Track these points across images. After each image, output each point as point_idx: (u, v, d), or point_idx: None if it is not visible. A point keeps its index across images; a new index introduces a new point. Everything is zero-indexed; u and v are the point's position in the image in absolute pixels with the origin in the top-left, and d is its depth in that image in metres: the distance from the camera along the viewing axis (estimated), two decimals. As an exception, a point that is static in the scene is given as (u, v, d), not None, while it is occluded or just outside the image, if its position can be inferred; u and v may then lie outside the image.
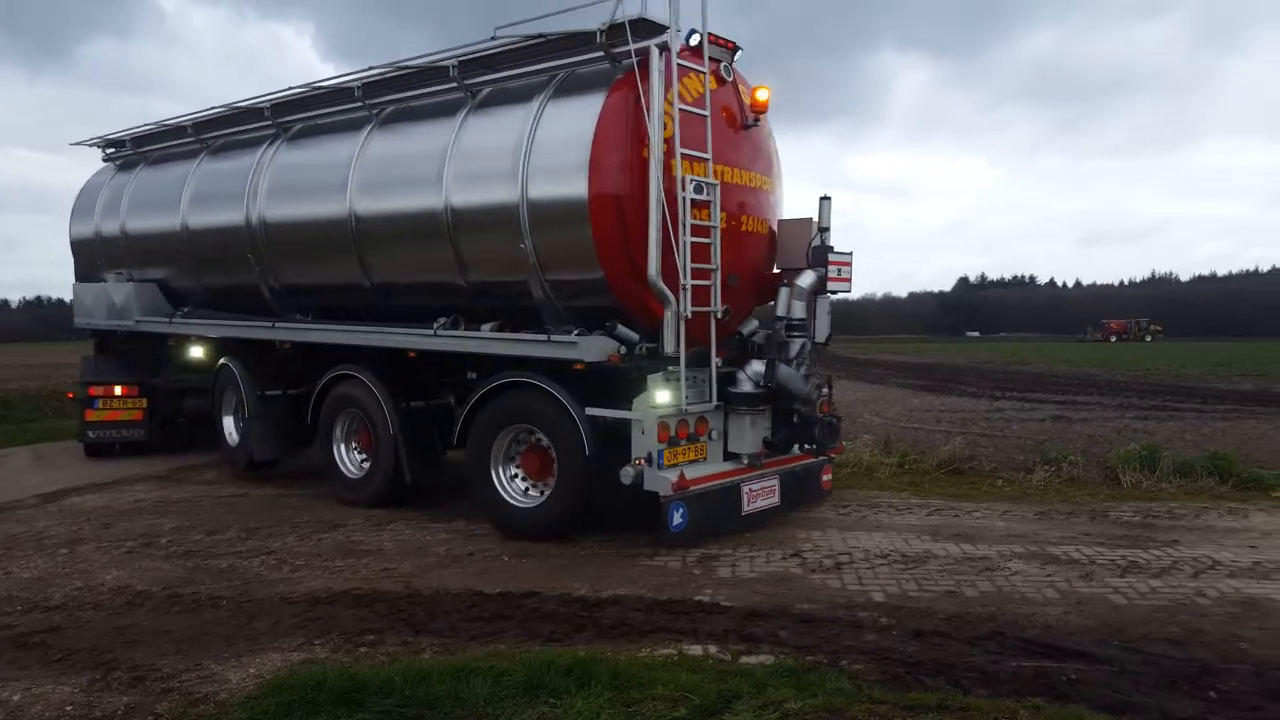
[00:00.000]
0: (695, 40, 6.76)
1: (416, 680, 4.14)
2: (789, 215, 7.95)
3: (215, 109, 10.09)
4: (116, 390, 11.48)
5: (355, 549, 7.03)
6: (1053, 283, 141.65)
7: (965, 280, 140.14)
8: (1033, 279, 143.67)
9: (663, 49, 6.43)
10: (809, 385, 7.15)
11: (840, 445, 8.12)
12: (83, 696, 4.26)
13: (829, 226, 7.49)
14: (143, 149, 11.44)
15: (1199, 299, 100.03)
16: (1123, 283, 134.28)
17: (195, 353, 11.03)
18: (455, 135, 7.43)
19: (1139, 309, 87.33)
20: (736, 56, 7.35)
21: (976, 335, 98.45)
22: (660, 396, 6.52)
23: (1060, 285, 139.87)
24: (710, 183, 6.76)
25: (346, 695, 4.01)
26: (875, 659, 4.57)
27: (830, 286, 7.40)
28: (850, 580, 6.03)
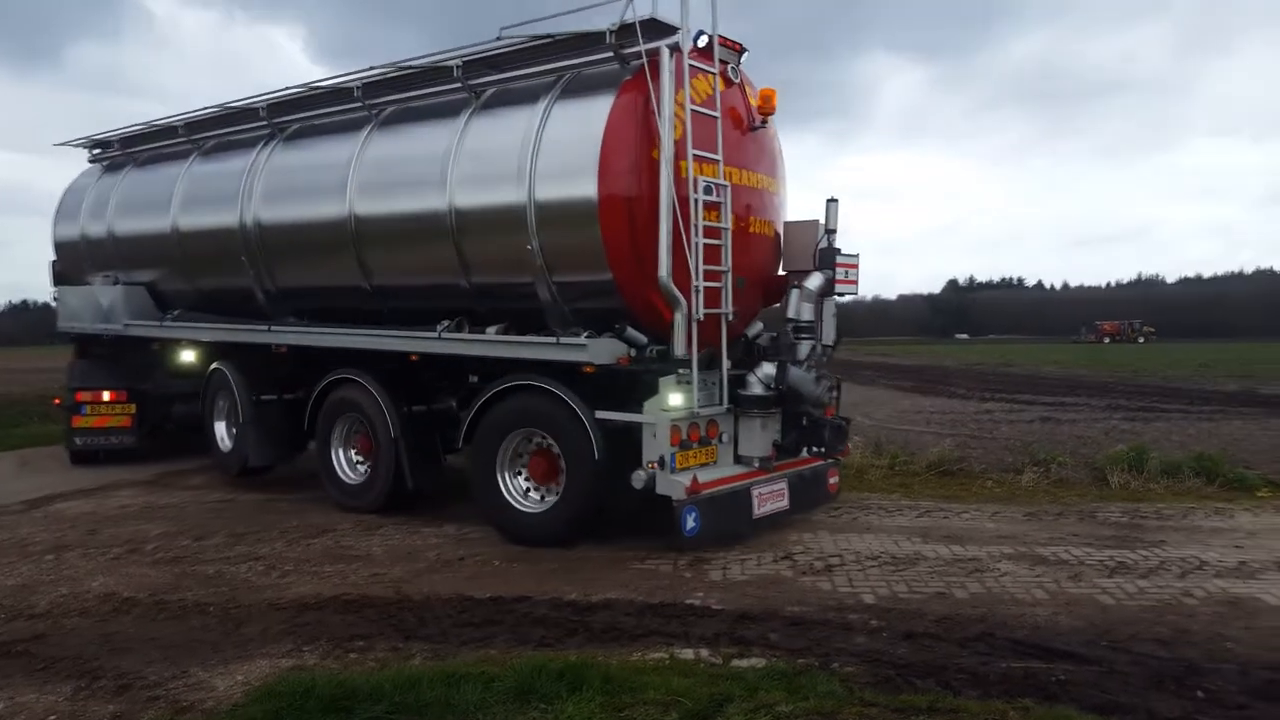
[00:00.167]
0: (704, 41, 6.76)
1: (406, 686, 4.12)
2: (790, 217, 7.95)
3: (208, 109, 9.97)
4: (105, 396, 11.27)
5: (344, 554, 6.99)
6: (1040, 285, 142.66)
7: (954, 282, 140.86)
8: (1021, 281, 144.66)
9: (674, 50, 6.42)
10: (820, 388, 7.14)
11: (847, 448, 8.13)
12: (67, 706, 4.22)
13: (836, 228, 7.48)
14: (131, 150, 11.32)
15: (1186, 301, 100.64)
16: (1110, 284, 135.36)
17: (186, 357, 10.84)
18: (459, 135, 7.39)
19: (1126, 311, 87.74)
20: (743, 58, 7.36)
21: (965, 337, 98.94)
22: (673, 399, 6.46)
23: (1048, 287, 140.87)
24: (721, 184, 6.75)
25: (336, 702, 3.98)
26: (866, 661, 4.57)
27: (838, 288, 7.41)
28: (841, 582, 6.04)
